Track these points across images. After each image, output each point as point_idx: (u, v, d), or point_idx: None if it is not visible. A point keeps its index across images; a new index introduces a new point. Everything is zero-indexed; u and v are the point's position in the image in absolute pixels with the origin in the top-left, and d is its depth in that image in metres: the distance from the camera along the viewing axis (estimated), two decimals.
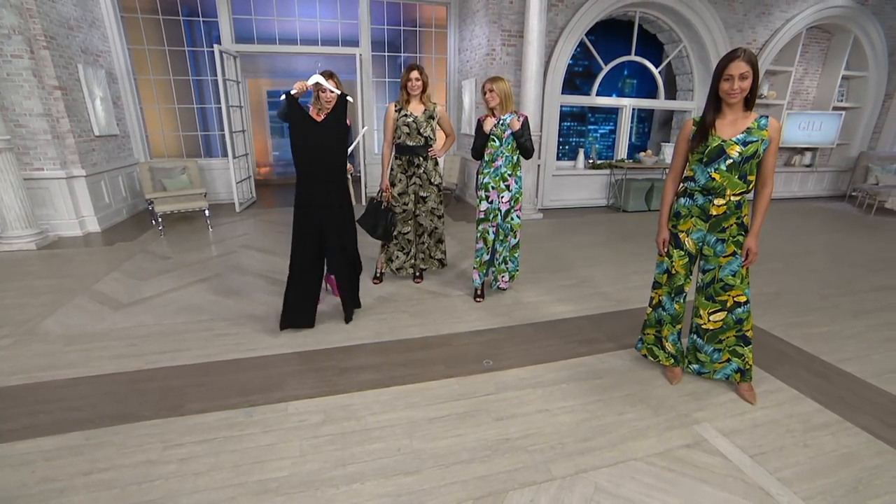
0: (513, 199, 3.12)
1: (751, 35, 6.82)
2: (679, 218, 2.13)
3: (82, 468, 1.72)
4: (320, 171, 2.63)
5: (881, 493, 1.66)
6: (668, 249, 2.20)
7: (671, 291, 2.24)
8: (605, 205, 6.99)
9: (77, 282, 3.56)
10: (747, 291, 2.10)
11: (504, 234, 3.20)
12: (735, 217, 2.01)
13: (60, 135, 4.69)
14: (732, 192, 1.97)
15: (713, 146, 1.94)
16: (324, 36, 6.70)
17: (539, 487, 1.66)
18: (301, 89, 2.53)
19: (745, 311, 2.11)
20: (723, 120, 1.96)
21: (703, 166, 1.99)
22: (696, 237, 2.11)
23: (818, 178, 8.16)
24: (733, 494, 1.64)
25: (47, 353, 2.52)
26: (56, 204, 4.78)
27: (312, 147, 2.58)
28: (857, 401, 2.20)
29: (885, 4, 7.27)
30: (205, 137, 7.06)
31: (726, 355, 2.20)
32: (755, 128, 1.91)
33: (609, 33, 6.82)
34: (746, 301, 2.10)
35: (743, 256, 2.04)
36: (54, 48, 4.53)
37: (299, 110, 2.53)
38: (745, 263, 2.04)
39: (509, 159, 3.05)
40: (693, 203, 2.07)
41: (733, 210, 2.00)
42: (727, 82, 1.87)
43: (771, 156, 1.93)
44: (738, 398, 2.20)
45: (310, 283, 2.78)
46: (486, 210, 3.13)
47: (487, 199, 3.12)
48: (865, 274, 4.03)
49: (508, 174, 3.07)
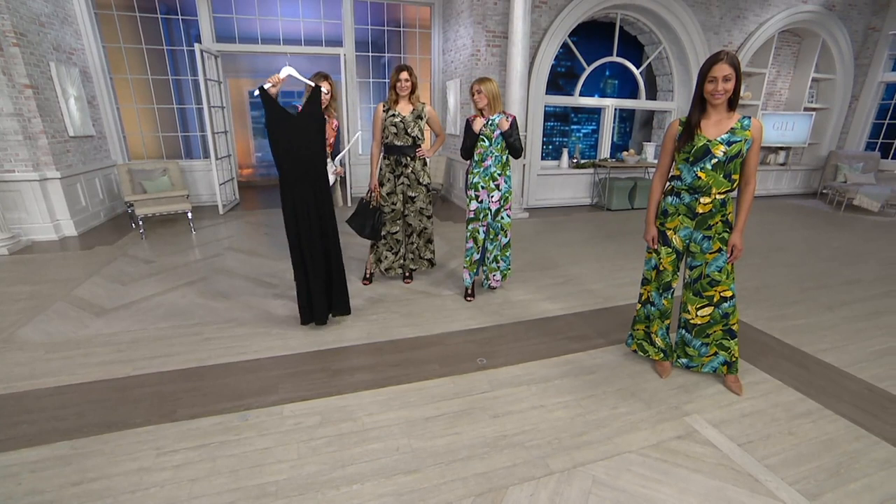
0: (502, 199, 3.15)
1: (727, 38, 7.03)
2: (667, 216, 2.19)
3: (71, 478, 1.67)
4: (299, 163, 2.61)
5: (860, 476, 1.74)
6: (657, 246, 2.26)
7: (659, 287, 2.30)
8: (589, 204, 7.11)
9: (55, 287, 3.45)
10: (733, 287, 2.17)
11: (494, 233, 3.23)
12: (720, 215, 2.08)
13: (32, 135, 4.52)
14: (718, 190, 2.03)
15: (699, 146, 2.01)
16: (307, 36, 6.63)
17: (538, 482, 1.69)
18: (275, 82, 2.51)
19: (731, 306, 2.18)
20: (708, 120, 2.03)
21: (689, 165, 2.05)
22: (683, 234, 2.18)
23: (791, 176, 8.46)
24: (724, 482, 1.70)
25: (27, 362, 2.44)
26: (29, 207, 4.61)
27: (289, 139, 2.56)
28: (836, 389, 2.30)
29: (850, 10, 7.59)
30: (185, 138, 6.91)
31: (713, 349, 2.28)
32: (739, 128, 1.98)
33: (591, 35, 6.93)
34: (732, 296, 2.17)
35: (728, 253, 2.11)
36: (24, 45, 4.37)
37: (273, 104, 2.51)
38: (730, 259, 2.11)
39: (498, 159, 3.08)
40: (680, 201, 2.13)
41: (718, 208, 2.07)
42: (711, 84, 1.93)
43: (754, 155, 2.00)
44: (726, 390, 2.27)
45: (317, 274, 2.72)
46: (476, 210, 3.16)
47: (477, 199, 3.15)
48: (838, 268, 4.20)
49: (498, 174, 3.10)
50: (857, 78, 8.09)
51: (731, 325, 2.21)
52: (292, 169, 2.59)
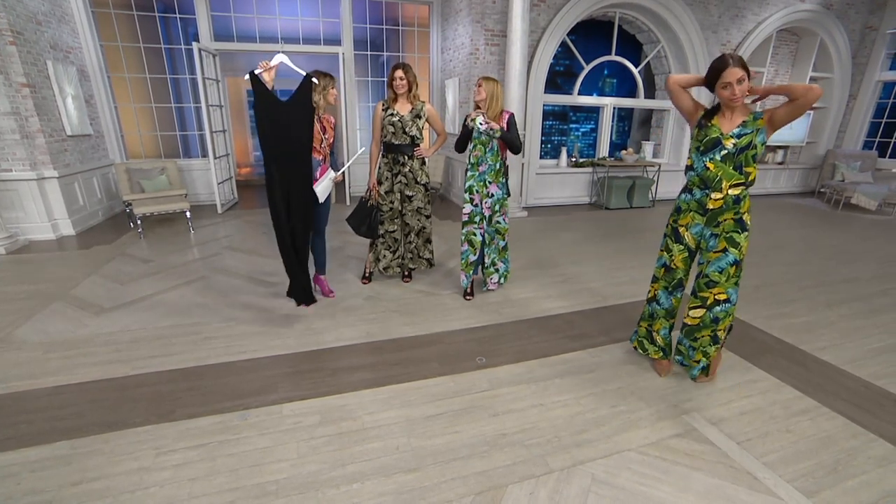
0: (495, 204, 3.16)
1: (725, 36, 7.04)
2: (679, 213, 2.20)
3: (71, 478, 1.67)
4: (285, 149, 2.62)
5: (858, 473, 1.75)
6: (669, 244, 2.25)
7: (668, 286, 2.29)
8: (587, 202, 7.11)
9: (53, 287, 3.44)
10: (730, 291, 2.12)
11: (490, 237, 3.24)
12: (732, 212, 2.04)
13: (30, 134, 4.50)
14: (728, 183, 2.00)
15: (711, 137, 2.02)
16: (305, 34, 6.62)
17: (538, 480, 1.69)
18: (265, 67, 2.53)
19: (724, 311, 2.13)
20: (722, 117, 2.04)
21: (700, 155, 2.06)
22: (695, 231, 2.17)
23: (790, 175, 8.48)
24: (723, 480, 1.70)
25: (26, 362, 2.43)
26: (26, 206, 4.59)
27: (277, 125, 2.57)
28: (834, 387, 2.31)
29: (848, 9, 7.61)
30: (183, 137, 6.89)
31: (699, 355, 2.26)
32: (750, 121, 1.98)
33: (590, 34, 6.94)
34: (727, 300, 2.12)
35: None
36: (21, 43, 4.35)
37: (263, 89, 2.52)
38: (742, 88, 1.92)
39: (492, 167, 3.10)
40: (692, 198, 2.13)
41: (731, 205, 2.03)
42: (726, 90, 1.93)
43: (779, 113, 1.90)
44: (725, 388, 2.28)
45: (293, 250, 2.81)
46: (470, 213, 3.18)
47: (472, 202, 3.16)
48: (836, 266, 4.22)
49: (490, 181, 3.11)
50: (854, 77, 8.11)
51: (717, 330, 2.17)
52: (279, 152, 2.62)
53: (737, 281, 2.12)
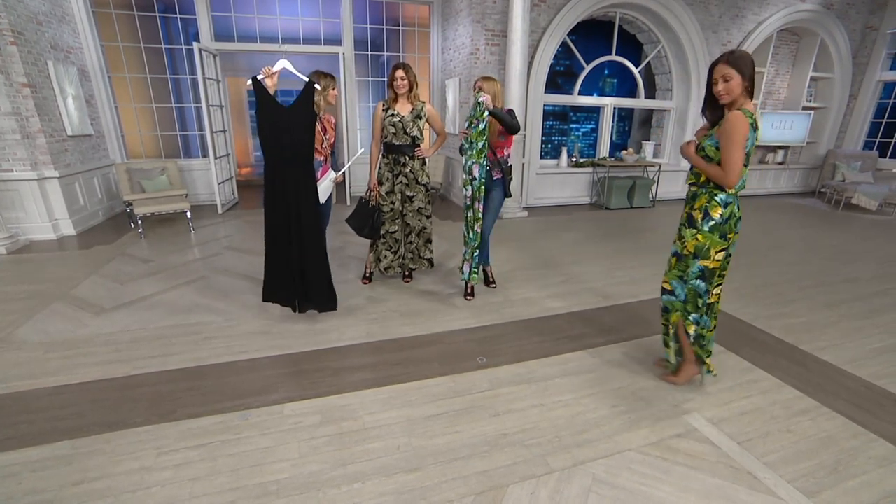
0: (476, 191, 3.02)
1: (726, 36, 7.03)
2: None
3: (72, 478, 1.67)
4: (286, 154, 2.61)
5: (858, 473, 1.75)
6: None
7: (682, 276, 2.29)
8: (588, 203, 7.11)
9: (53, 287, 3.44)
10: (673, 283, 2.13)
11: None
12: (689, 207, 2.07)
13: (30, 134, 4.50)
14: (689, 180, 2.07)
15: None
16: (306, 34, 6.62)
17: (539, 480, 1.69)
18: (268, 73, 2.53)
19: (669, 302, 2.17)
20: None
21: None
22: None
23: (790, 175, 8.48)
24: (724, 480, 1.70)
25: (26, 362, 2.43)
26: (27, 206, 4.59)
27: (278, 130, 2.57)
28: (834, 387, 2.31)
29: (848, 9, 7.61)
30: (183, 137, 6.89)
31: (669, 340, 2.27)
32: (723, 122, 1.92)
33: (590, 34, 6.94)
34: (671, 292, 2.14)
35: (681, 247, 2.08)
36: (22, 44, 4.35)
37: (265, 95, 2.52)
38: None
39: (475, 144, 2.95)
40: None
41: (688, 199, 2.09)
42: (715, 86, 1.93)
43: (722, 150, 1.86)
44: (726, 389, 2.28)
45: (282, 256, 2.76)
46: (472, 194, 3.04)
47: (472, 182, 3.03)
48: (836, 266, 4.21)
49: (473, 161, 2.99)
50: (855, 77, 8.10)
51: (670, 323, 2.20)
52: (279, 156, 2.61)
53: (680, 275, 2.10)
